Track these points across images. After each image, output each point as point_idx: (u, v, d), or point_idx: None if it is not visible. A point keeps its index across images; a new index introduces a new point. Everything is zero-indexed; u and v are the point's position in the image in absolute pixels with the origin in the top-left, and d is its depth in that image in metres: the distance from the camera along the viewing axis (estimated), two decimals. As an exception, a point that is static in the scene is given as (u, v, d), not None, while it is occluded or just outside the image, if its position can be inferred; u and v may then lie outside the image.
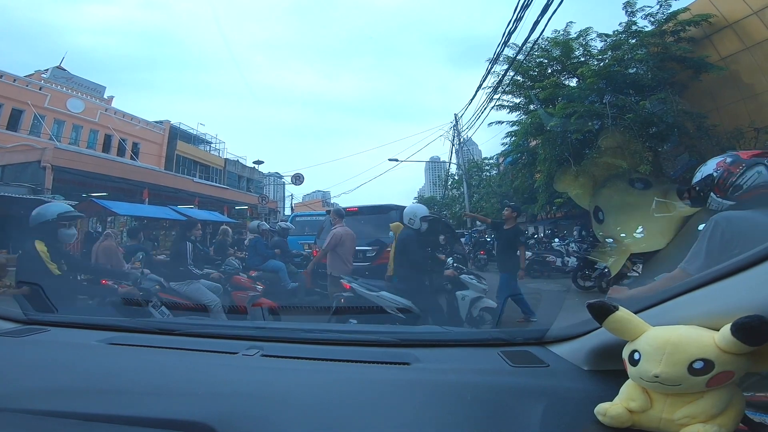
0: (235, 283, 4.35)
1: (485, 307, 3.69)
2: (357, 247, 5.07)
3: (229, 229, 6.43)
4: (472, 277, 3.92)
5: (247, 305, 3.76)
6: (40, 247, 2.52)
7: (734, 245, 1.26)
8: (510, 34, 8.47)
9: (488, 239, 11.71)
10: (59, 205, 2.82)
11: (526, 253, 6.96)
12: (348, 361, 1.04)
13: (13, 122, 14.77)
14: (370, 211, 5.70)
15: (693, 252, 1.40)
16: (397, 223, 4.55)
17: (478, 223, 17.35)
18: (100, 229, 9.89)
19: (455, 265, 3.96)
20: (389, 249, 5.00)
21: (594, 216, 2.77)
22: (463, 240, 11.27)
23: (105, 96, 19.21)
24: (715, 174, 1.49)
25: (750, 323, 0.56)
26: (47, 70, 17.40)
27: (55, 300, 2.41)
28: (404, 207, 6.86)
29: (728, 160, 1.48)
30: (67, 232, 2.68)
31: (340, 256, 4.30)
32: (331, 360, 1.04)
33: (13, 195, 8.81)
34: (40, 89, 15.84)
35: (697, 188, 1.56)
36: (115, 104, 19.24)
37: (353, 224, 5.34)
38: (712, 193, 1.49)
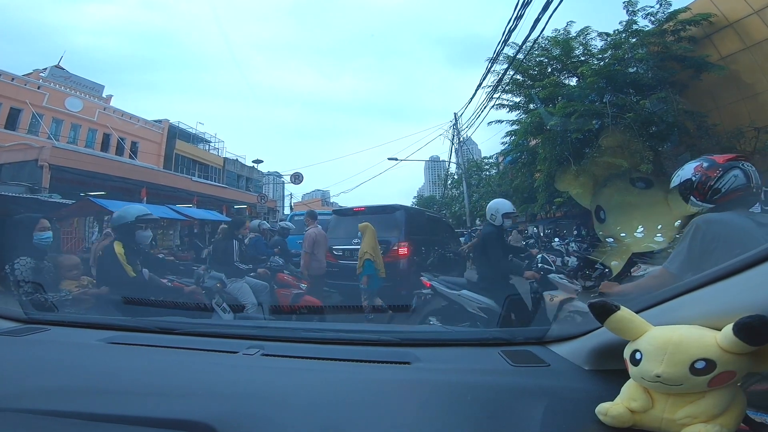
0: (280, 281, 4.35)
1: (576, 309, 3.40)
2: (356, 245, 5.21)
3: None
4: (562, 276, 3.63)
5: (291, 303, 3.83)
6: (118, 249, 2.63)
7: (714, 246, 1.33)
8: (510, 32, 8.47)
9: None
10: (137, 208, 2.91)
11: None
12: (348, 360, 1.04)
13: (12, 121, 14.73)
14: (375, 211, 5.78)
15: (675, 252, 1.49)
16: (366, 223, 4.70)
17: (477, 222, 17.35)
18: (96, 229, 9.88)
19: (539, 265, 3.67)
20: (396, 248, 5.17)
21: (595, 215, 2.78)
22: (462, 239, 11.26)
23: (103, 95, 19.16)
24: (693, 178, 1.54)
25: (752, 323, 0.56)
26: (46, 69, 17.35)
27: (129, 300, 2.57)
28: (407, 206, 6.72)
29: (705, 164, 1.53)
30: (143, 233, 2.79)
31: (315, 256, 4.44)
32: (331, 359, 1.04)
33: (10, 194, 8.79)
34: (38, 88, 15.80)
35: (678, 192, 1.61)
36: (113, 103, 19.19)
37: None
38: (692, 197, 1.54)
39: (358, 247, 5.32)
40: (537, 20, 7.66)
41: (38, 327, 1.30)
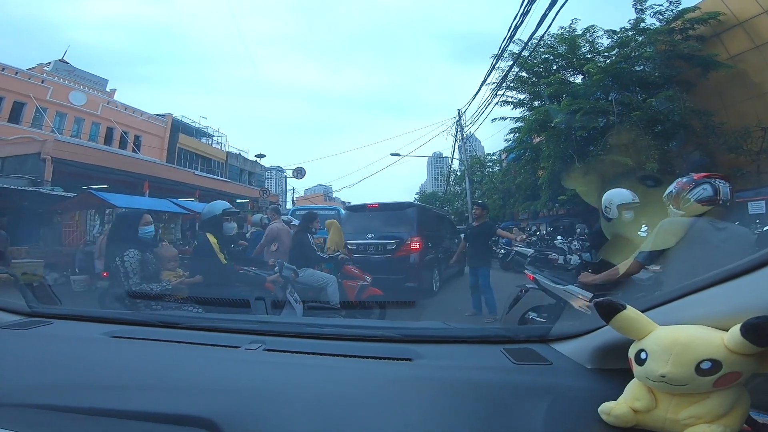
0: (346, 273, 4.45)
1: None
2: (378, 241, 5.54)
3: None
4: None
5: (357, 295, 4.10)
6: (211, 239, 2.85)
7: (671, 243, 1.68)
8: (516, 28, 8.39)
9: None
10: (223, 203, 3.11)
11: (527, 250, 6.95)
12: (350, 356, 1.04)
13: (15, 115, 14.78)
14: (388, 208, 6.05)
15: (642, 246, 1.85)
16: (333, 220, 4.89)
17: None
18: (98, 222, 9.92)
19: None
20: (408, 242, 5.44)
21: (602, 213, 2.77)
22: (463, 236, 11.23)
23: (107, 89, 19.17)
24: (673, 191, 1.88)
25: (761, 324, 0.55)
26: (49, 63, 17.37)
27: (216, 286, 2.75)
28: (418, 204, 7.01)
29: (684, 179, 1.86)
30: (229, 225, 3.02)
31: (279, 251, 4.48)
32: (333, 355, 1.04)
33: (13, 187, 8.84)
34: (42, 82, 15.82)
35: (665, 200, 1.94)
36: (117, 97, 19.23)
37: (373, 220, 5.85)
38: (670, 205, 1.88)
39: (372, 241, 5.65)
40: (543, 17, 7.58)
41: (41, 320, 1.30)
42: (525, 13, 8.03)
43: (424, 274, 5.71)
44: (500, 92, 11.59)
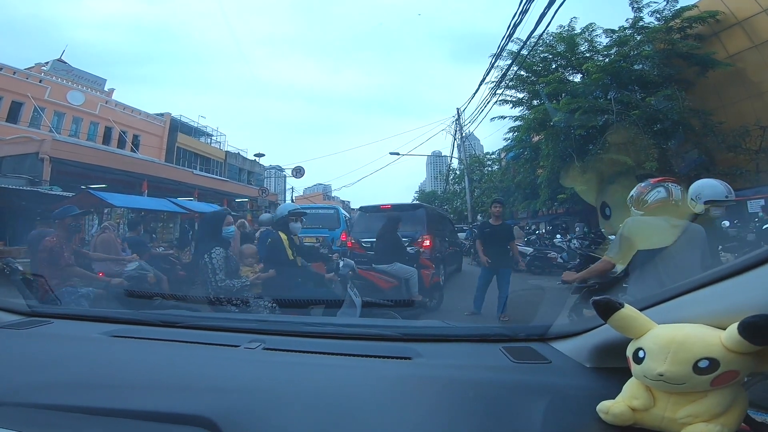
0: (422, 264, 4.96)
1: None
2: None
3: (246, 222, 7.16)
4: None
5: (429, 282, 4.66)
6: (283, 237, 3.08)
7: (635, 238, 1.91)
8: (515, 26, 8.38)
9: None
10: (290, 205, 3.40)
11: (527, 249, 6.92)
12: (350, 355, 1.04)
13: (13, 114, 14.72)
14: (400, 209, 6.66)
15: (611, 244, 2.08)
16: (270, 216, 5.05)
17: (479, 217, 17.32)
18: (96, 221, 9.89)
19: None
20: (420, 240, 5.94)
21: (601, 212, 2.81)
22: (463, 235, 11.26)
23: (105, 89, 19.10)
24: (634, 194, 2.10)
25: (758, 322, 0.55)
26: (47, 62, 17.28)
27: (287, 281, 2.93)
28: (426, 205, 7.55)
29: (643, 184, 2.09)
30: (294, 224, 3.24)
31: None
32: (332, 354, 1.04)
33: (11, 186, 8.81)
34: (40, 82, 15.75)
35: (628, 203, 2.14)
36: (115, 97, 19.15)
37: (386, 219, 6.27)
38: (632, 207, 2.09)
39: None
40: (542, 16, 7.58)
41: (41, 320, 1.30)
42: (524, 12, 8.03)
43: (434, 270, 6.18)
44: (499, 91, 11.61)
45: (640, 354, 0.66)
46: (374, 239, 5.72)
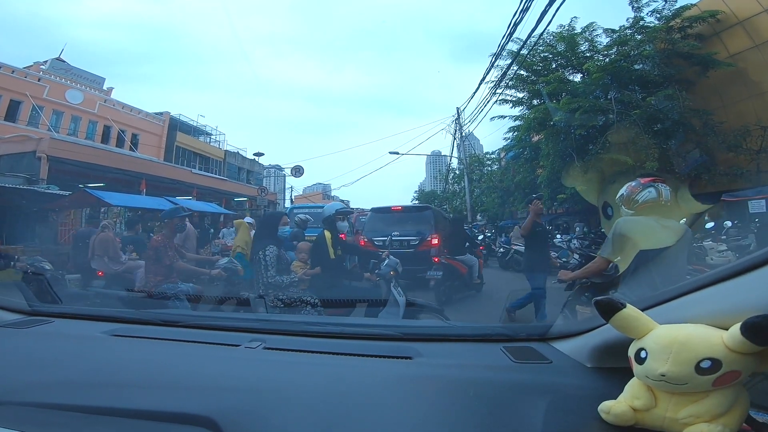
0: (477, 254, 6.05)
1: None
2: (403, 237, 6.53)
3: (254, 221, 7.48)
4: None
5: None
6: (327, 235, 3.18)
7: (626, 236, 1.97)
8: (516, 25, 8.37)
9: (488, 234, 11.70)
10: (338, 204, 3.55)
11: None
12: (350, 354, 1.04)
13: (12, 113, 14.67)
14: (410, 210, 7.52)
15: (605, 243, 2.11)
16: (241, 220, 5.31)
17: (478, 217, 17.30)
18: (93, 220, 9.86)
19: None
20: (429, 239, 6.47)
21: (602, 212, 2.85)
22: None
23: (104, 87, 19.05)
24: (624, 193, 2.13)
25: (761, 323, 0.55)
26: (46, 61, 17.23)
27: (329, 280, 3.03)
28: (432, 207, 8.07)
29: (633, 183, 2.13)
30: (341, 223, 3.34)
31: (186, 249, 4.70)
32: (333, 353, 1.04)
33: (9, 185, 8.78)
34: (38, 80, 15.70)
35: (618, 202, 2.17)
36: (114, 96, 19.09)
37: (397, 220, 6.97)
38: (622, 206, 2.13)
39: (397, 238, 6.50)
40: (542, 15, 7.57)
41: (42, 319, 1.30)
42: (524, 10, 8.03)
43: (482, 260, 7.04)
44: (499, 91, 11.59)
45: (642, 354, 0.66)
46: (384, 237, 6.33)
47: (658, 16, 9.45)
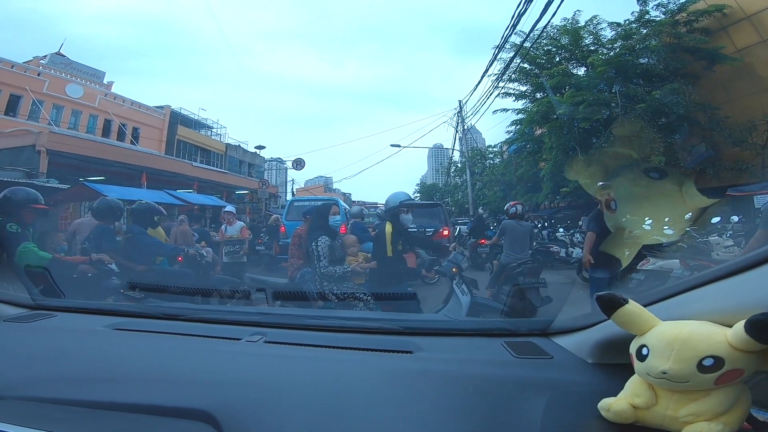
0: None
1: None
2: (419, 230, 6.83)
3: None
4: None
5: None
6: (388, 228, 3.12)
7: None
8: (520, 16, 8.24)
9: (491, 227, 11.65)
10: (402, 194, 3.42)
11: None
12: (351, 348, 1.04)
13: (12, 107, 14.66)
14: (423, 206, 8.43)
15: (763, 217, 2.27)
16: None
17: (480, 210, 17.25)
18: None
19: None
20: (442, 230, 7.10)
21: (606, 206, 2.85)
22: (465, 228, 11.23)
23: (104, 81, 18.97)
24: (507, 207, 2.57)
25: (765, 320, 0.54)
26: (46, 56, 17.14)
27: (384, 274, 2.98)
28: (441, 203, 8.53)
29: (509, 204, 2.97)
30: (405, 216, 3.25)
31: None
32: (333, 347, 1.04)
33: (8, 179, 8.80)
34: (38, 75, 15.65)
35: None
36: (114, 90, 19.01)
37: (415, 215, 7.05)
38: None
39: (413, 230, 6.67)
40: (546, 7, 7.45)
41: (45, 313, 1.31)
42: (528, 1, 7.89)
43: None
44: (502, 84, 11.47)
45: (644, 351, 0.66)
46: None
47: (664, 10, 9.29)
